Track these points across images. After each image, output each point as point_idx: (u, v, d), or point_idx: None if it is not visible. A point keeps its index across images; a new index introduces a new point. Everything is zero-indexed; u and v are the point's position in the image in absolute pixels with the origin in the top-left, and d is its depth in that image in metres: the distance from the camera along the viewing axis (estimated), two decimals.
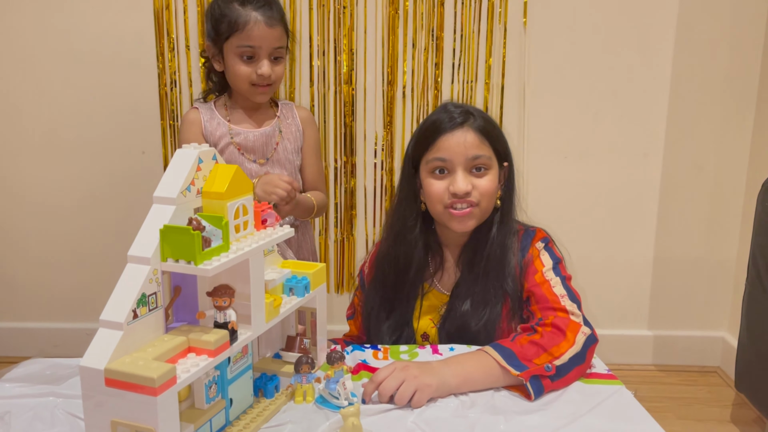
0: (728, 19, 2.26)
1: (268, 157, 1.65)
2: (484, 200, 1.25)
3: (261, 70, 1.54)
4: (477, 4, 2.21)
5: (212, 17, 1.58)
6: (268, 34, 1.53)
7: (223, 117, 1.65)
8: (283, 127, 1.67)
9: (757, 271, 1.90)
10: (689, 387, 2.37)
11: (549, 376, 1.06)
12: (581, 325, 1.14)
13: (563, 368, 1.08)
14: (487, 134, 1.25)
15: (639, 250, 2.46)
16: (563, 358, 1.09)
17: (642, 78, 2.30)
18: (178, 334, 0.86)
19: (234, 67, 1.56)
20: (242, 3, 1.53)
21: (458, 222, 1.26)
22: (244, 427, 0.93)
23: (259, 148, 1.64)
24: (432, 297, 1.34)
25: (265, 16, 1.52)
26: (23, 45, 2.26)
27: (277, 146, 1.65)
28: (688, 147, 2.36)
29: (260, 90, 1.58)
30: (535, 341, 1.11)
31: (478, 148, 1.24)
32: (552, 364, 1.07)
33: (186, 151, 0.92)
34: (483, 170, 1.25)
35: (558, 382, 1.07)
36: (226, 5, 1.55)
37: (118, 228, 2.37)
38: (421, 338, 1.34)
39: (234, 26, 1.52)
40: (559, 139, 2.35)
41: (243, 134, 1.63)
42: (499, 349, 1.09)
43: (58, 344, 2.48)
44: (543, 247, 1.28)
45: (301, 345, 1.12)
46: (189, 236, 0.82)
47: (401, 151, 2.31)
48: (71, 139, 2.34)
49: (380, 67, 2.25)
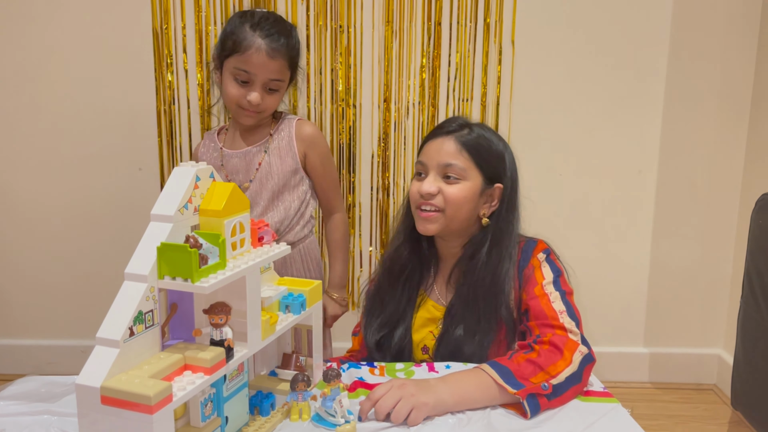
0: (720, 37, 2.29)
1: (251, 178, 1.59)
2: (449, 208, 1.27)
3: (250, 97, 1.50)
4: (472, 23, 2.24)
5: (224, 31, 1.54)
6: (267, 64, 1.48)
7: (220, 141, 1.63)
8: (272, 145, 1.61)
9: (751, 289, 1.90)
10: (685, 405, 2.36)
11: (545, 394, 1.06)
12: (579, 344, 1.14)
13: (560, 387, 1.08)
14: (471, 148, 1.27)
15: (634, 267, 2.47)
16: (560, 377, 1.09)
17: (636, 95, 2.33)
18: (174, 352, 0.86)
19: (227, 86, 1.53)
20: (253, 27, 1.49)
21: (421, 222, 1.30)
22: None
23: (242, 170, 1.60)
24: (430, 308, 1.35)
25: (269, 45, 1.47)
26: (20, 61, 2.28)
27: (260, 166, 1.59)
28: (682, 164, 2.38)
29: (247, 113, 1.53)
30: (532, 360, 1.11)
31: (453, 157, 1.27)
32: (549, 383, 1.07)
33: (183, 169, 0.92)
34: (453, 179, 1.27)
35: (554, 401, 1.07)
36: (239, 23, 1.51)
37: (113, 244, 2.37)
38: (421, 351, 1.34)
39: (236, 47, 1.48)
40: (554, 157, 2.36)
41: (229, 155, 1.60)
42: (496, 368, 1.09)
43: (52, 361, 2.46)
44: (544, 258, 1.28)
45: (297, 362, 1.11)
46: (186, 254, 0.83)
47: (396, 169, 2.32)
48: (68, 155, 2.34)
49: (376, 85, 2.27)
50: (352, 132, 2.30)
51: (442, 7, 2.22)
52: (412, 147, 2.32)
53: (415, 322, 1.35)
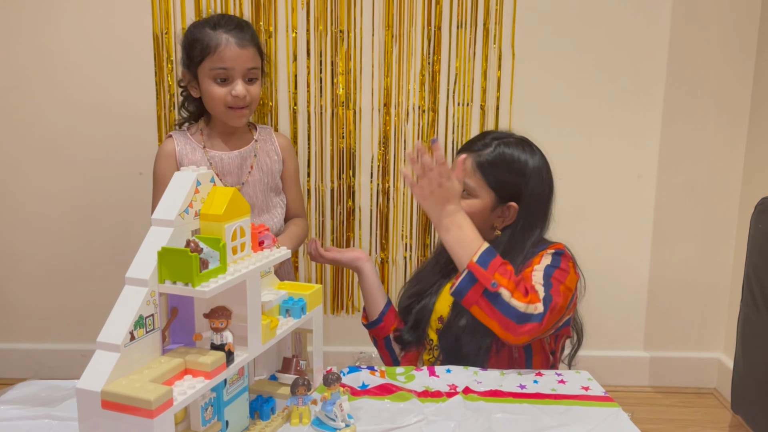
0: (719, 42, 2.29)
1: (243, 181, 1.63)
2: None
3: (235, 91, 1.53)
4: (472, 27, 2.24)
5: (186, 44, 1.58)
6: (241, 55, 1.52)
7: (198, 142, 1.64)
8: (260, 150, 1.66)
9: (751, 292, 1.90)
10: (686, 409, 2.36)
11: (485, 289, 1.17)
12: (539, 302, 1.18)
13: (498, 299, 1.16)
14: (484, 169, 1.33)
15: (634, 271, 2.47)
16: (506, 295, 1.17)
17: (635, 99, 2.33)
18: (174, 356, 0.86)
19: (209, 91, 1.55)
20: (213, 27, 1.54)
21: None
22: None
23: (234, 171, 1.63)
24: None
25: (236, 37, 1.52)
26: (21, 66, 2.28)
27: (252, 169, 1.64)
28: (682, 168, 2.38)
29: (237, 113, 1.56)
30: (516, 278, 1.19)
31: (467, 176, 1.35)
32: (500, 288, 1.17)
33: (184, 174, 0.93)
34: (465, 195, 1.34)
35: (483, 302, 1.17)
36: (197, 30, 1.55)
37: (114, 248, 2.37)
38: (438, 320, 1.39)
39: (206, 50, 1.52)
40: (554, 160, 2.35)
41: (218, 157, 1.62)
42: (490, 252, 1.22)
43: (52, 365, 2.46)
44: (552, 253, 1.32)
45: (298, 366, 1.12)
46: (187, 258, 0.83)
47: (396, 173, 2.33)
48: (69, 160, 2.34)
49: (376, 89, 2.28)
50: (352, 136, 2.30)
51: (442, 12, 2.23)
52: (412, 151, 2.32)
53: (441, 295, 1.42)
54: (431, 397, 1.12)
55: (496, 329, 1.18)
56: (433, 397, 1.13)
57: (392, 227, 2.38)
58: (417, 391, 1.14)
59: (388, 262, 2.39)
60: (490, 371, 1.24)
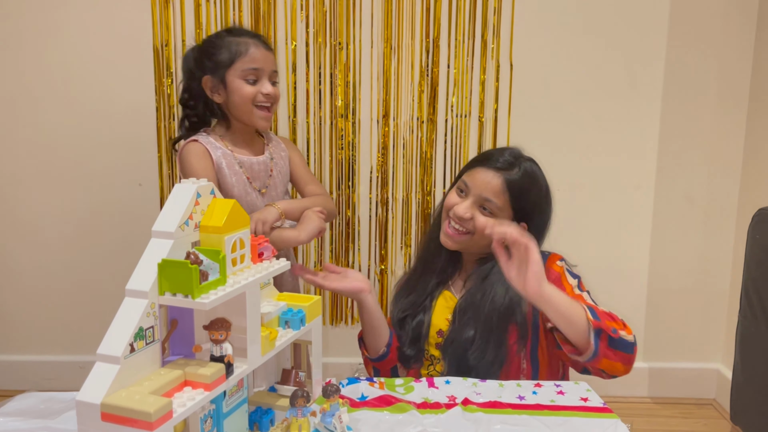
0: (717, 53, 2.31)
1: (267, 184, 1.67)
2: (477, 234, 1.35)
3: (265, 89, 1.59)
4: (470, 39, 2.26)
5: (206, 53, 1.61)
6: (268, 56, 1.61)
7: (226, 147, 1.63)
8: (274, 155, 1.71)
9: (749, 303, 1.91)
10: (685, 419, 2.36)
11: (610, 337, 1.15)
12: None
13: (621, 342, 1.16)
14: (512, 191, 1.33)
15: (632, 282, 2.47)
16: (624, 335, 1.17)
17: (633, 110, 2.34)
18: (174, 368, 0.86)
19: (240, 90, 1.59)
20: (236, 34, 1.62)
21: (444, 236, 1.39)
22: None
23: (261, 175, 1.66)
24: (448, 297, 1.43)
25: (260, 41, 1.62)
26: (21, 77, 2.29)
27: (272, 173, 1.68)
28: (680, 179, 2.39)
29: (263, 114, 1.61)
30: (607, 313, 1.21)
31: (495, 195, 1.33)
32: (618, 331, 1.16)
33: (184, 186, 0.93)
34: (488, 212, 1.34)
35: (610, 352, 1.15)
36: (219, 39, 1.61)
37: (113, 260, 2.37)
38: (436, 334, 1.40)
39: (236, 53, 1.58)
40: (552, 172, 2.35)
41: (248, 161, 1.64)
42: (585, 305, 1.19)
43: (51, 377, 2.45)
44: (565, 266, 1.36)
45: (297, 378, 1.11)
46: (187, 270, 0.83)
47: (395, 183, 2.33)
48: (68, 170, 2.35)
49: (375, 101, 2.29)
50: (351, 147, 2.31)
51: (440, 25, 2.24)
52: (411, 162, 2.33)
53: (435, 308, 1.42)
54: (430, 409, 1.12)
55: (619, 369, 1.19)
56: (432, 408, 1.13)
57: (391, 238, 2.38)
58: (416, 403, 1.14)
59: (387, 273, 2.40)
60: (489, 382, 1.24)
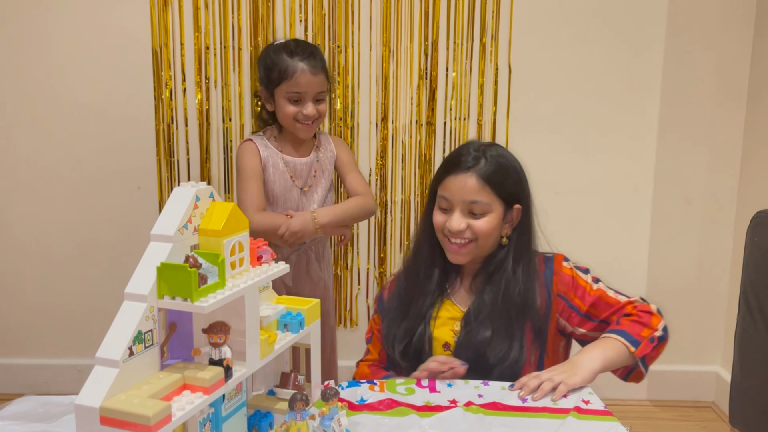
0: (715, 57, 2.31)
1: (310, 184, 1.84)
2: (480, 238, 1.33)
3: (306, 111, 1.75)
4: (469, 43, 2.26)
5: (264, 66, 1.78)
6: (312, 81, 1.74)
7: (274, 147, 1.83)
8: (321, 156, 1.87)
9: (748, 306, 1.91)
10: (684, 422, 2.36)
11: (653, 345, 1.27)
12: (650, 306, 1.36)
13: (661, 338, 1.30)
14: (490, 181, 1.32)
15: (631, 285, 2.46)
16: (659, 328, 1.30)
17: (631, 113, 2.35)
18: (173, 372, 0.86)
19: (283, 108, 1.76)
20: (290, 54, 1.74)
21: (452, 255, 1.36)
22: None
23: (304, 175, 1.84)
24: (450, 308, 1.40)
25: (309, 65, 1.73)
26: (19, 81, 2.29)
27: (316, 173, 1.85)
28: (678, 181, 2.39)
29: (305, 127, 1.78)
30: (635, 320, 1.30)
31: (477, 194, 1.31)
32: (654, 336, 1.28)
33: (183, 189, 0.93)
34: (479, 214, 1.32)
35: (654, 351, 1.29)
36: (276, 55, 1.75)
37: (112, 263, 2.37)
38: (442, 348, 1.38)
39: (283, 75, 1.73)
40: (550, 175, 2.38)
41: (293, 162, 1.83)
42: (618, 333, 1.27)
43: (48, 381, 2.45)
44: (573, 265, 1.39)
45: (296, 381, 1.11)
46: (186, 273, 0.83)
47: (394, 187, 2.34)
48: (66, 174, 2.35)
49: (374, 104, 2.29)
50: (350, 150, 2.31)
51: (439, 28, 2.25)
52: (410, 165, 2.33)
53: (437, 321, 1.39)
54: (431, 412, 1.12)
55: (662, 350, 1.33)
56: (433, 411, 1.12)
57: (390, 241, 2.38)
58: (417, 406, 1.14)
59: (386, 276, 2.39)
60: (492, 384, 1.24)
